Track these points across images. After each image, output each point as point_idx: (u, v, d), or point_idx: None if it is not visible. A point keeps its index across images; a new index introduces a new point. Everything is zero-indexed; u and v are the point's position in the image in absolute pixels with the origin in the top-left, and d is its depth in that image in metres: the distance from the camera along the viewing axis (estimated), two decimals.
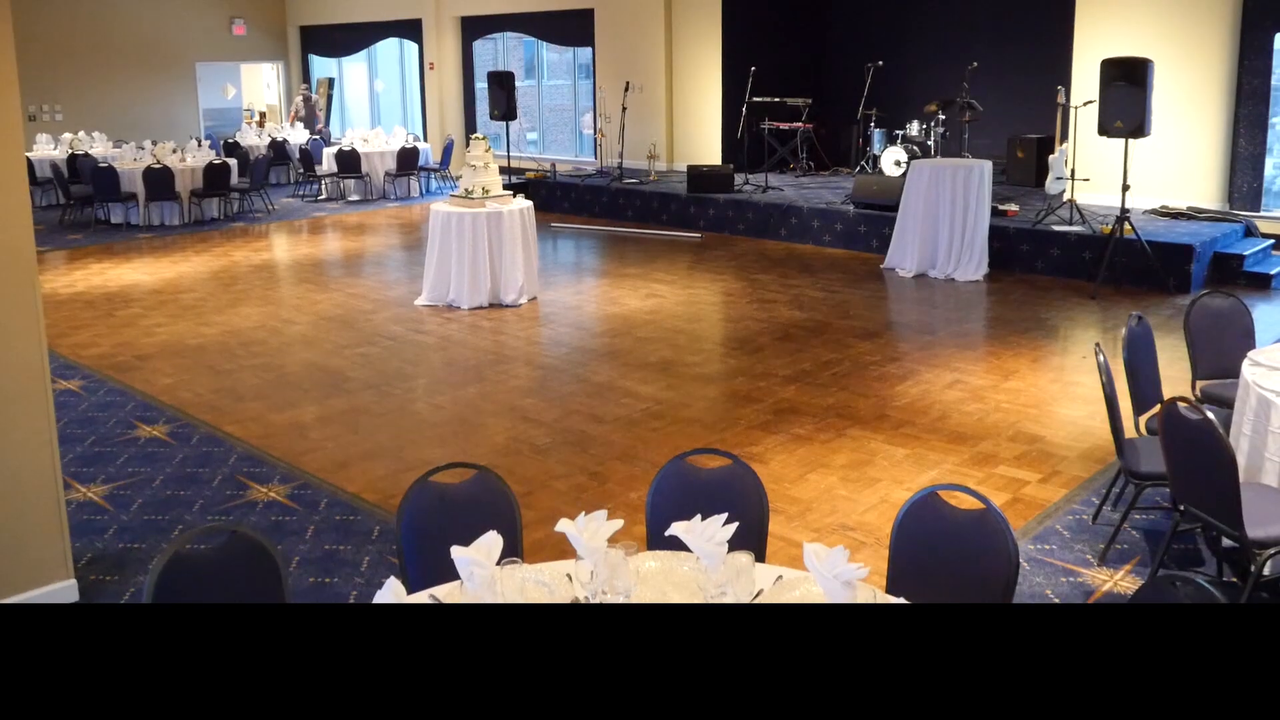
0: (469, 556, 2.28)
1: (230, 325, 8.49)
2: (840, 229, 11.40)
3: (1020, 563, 2.88)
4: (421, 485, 3.13)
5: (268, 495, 5.14)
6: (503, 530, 2.50)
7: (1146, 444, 4.41)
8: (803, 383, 6.75)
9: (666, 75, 15.34)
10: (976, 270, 9.71)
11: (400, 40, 20.36)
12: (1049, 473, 5.27)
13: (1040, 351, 7.43)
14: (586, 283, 10.13)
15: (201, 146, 15.54)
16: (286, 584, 2.77)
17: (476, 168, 8.96)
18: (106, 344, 7.98)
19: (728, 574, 2.40)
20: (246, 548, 2.78)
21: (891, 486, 5.11)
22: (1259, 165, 10.51)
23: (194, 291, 9.79)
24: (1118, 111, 8.85)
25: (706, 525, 2.42)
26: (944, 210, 9.85)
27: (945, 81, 12.44)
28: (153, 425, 6.16)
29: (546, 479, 5.29)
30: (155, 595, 2.60)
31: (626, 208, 13.48)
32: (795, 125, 14.24)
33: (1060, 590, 4.11)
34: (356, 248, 12.12)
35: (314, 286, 9.98)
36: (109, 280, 10.34)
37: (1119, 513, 4.52)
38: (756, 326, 8.21)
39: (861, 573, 2.21)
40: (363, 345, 7.88)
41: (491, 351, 7.70)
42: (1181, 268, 9.16)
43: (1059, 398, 6.44)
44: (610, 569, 2.42)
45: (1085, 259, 9.56)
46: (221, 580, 2.74)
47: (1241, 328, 5.20)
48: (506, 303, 8.93)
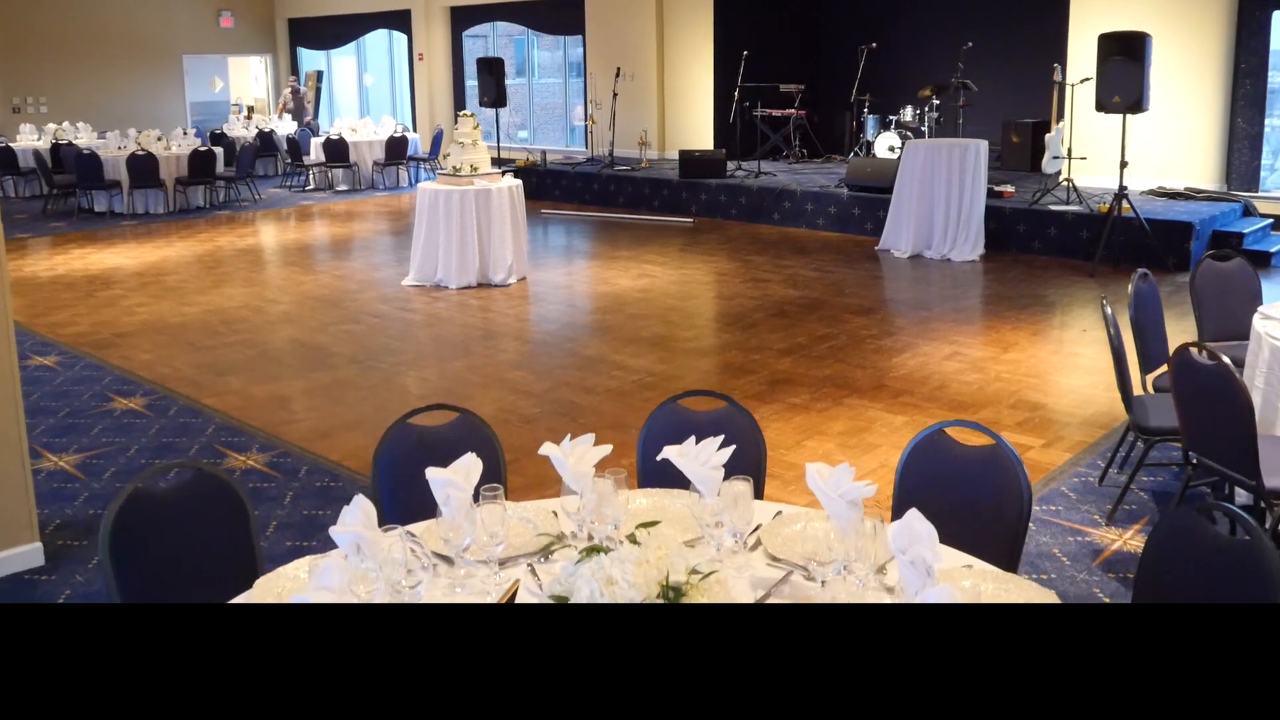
0: (445, 478, 2.12)
1: (213, 305, 8.30)
2: (834, 212, 11.26)
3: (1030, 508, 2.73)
4: (400, 427, 2.97)
5: (246, 463, 4.97)
6: (486, 476, 2.34)
7: (1155, 400, 4.27)
8: (798, 355, 6.59)
9: (658, 62, 15.19)
10: (972, 250, 9.57)
11: (389, 32, 20.19)
12: (1052, 438, 5.12)
13: (1039, 325, 7.28)
14: (577, 264, 9.96)
15: (187, 135, 15.33)
16: (254, 525, 2.60)
17: (464, 145, 8.79)
18: (85, 323, 7.79)
19: (724, 502, 2.23)
20: (211, 487, 2.62)
21: (891, 452, 4.95)
22: (1257, 145, 10.39)
23: (177, 274, 9.60)
24: (1116, 87, 8.72)
25: (701, 449, 2.27)
26: (939, 190, 9.71)
27: (939, 65, 12.30)
28: (129, 398, 5.97)
29: (534, 446, 5.09)
30: (112, 534, 2.43)
31: (618, 194, 13.31)
32: (788, 112, 14.08)
33: (1068, 549, 3.96)
34: (344, 233, 11.94)
35: (300, 269, 9.80)
36: (90, 264, 10.14)
37: (1126, 475, 4.37)
38: (750, 304, 8.05)
39: (869, 491, 2.05)
40: (348, 323, 7.70)
41: (479, 328, 7.53)
42: (1180, 246, 9.03)
43: (1060, 368, 6.29)
44: (599, 497, 2.25)
45: (1083, 238, 9.43)
46: (184, 519, 2.57)
47: (1248, 290, 5.05)
48: (495, 282, 8.76)
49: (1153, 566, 2.23)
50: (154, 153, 13.30)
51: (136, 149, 13.40)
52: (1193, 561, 2.17)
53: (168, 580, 2.47)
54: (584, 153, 16.00)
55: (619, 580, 1.65)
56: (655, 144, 15.13)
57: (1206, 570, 2.15)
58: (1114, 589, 3.69)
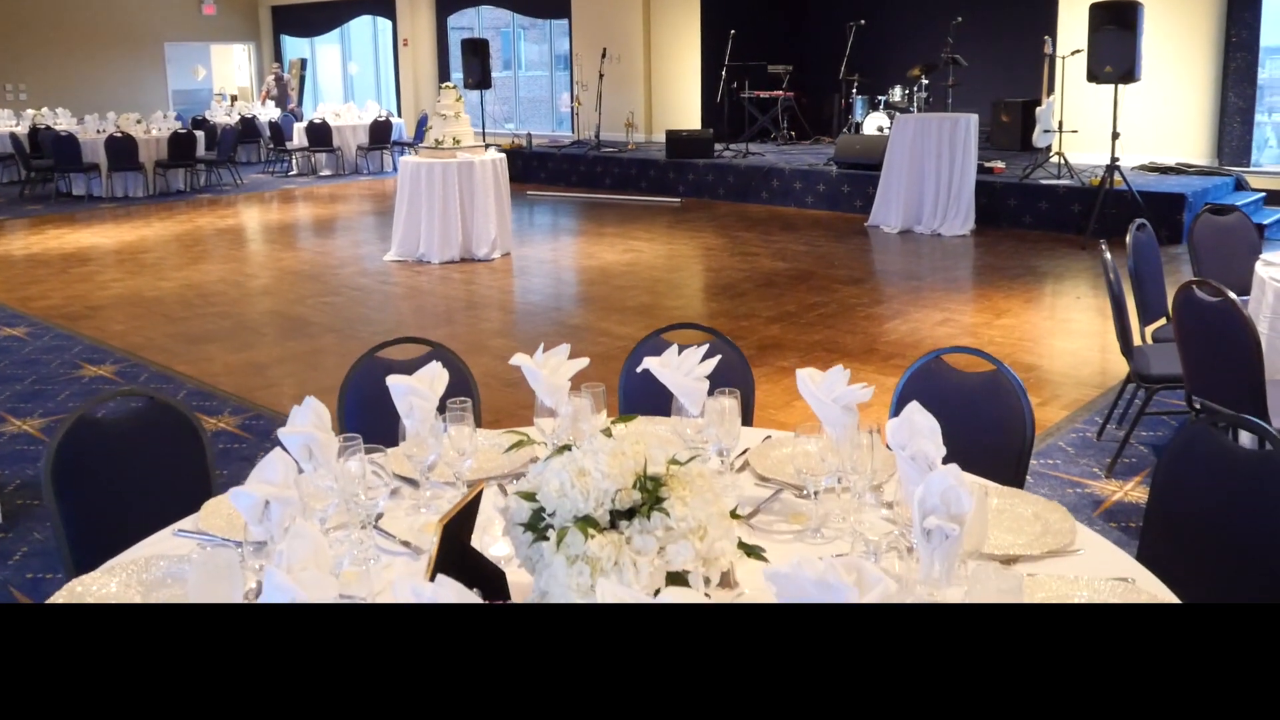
0: (408, 384, 1.96)
1: (190, 280, 8.12)
2: (823, 190, 11.12)
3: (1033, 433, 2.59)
4: (369, 360, 2.82)
5: (217, 425, 4.80)
6: None
7: (1156, 349, 4.14)
8: (787, 323, 6.45)
9: (644, 43, 15.03)
10: (963, 225, 9.44)
11: (373, 18, 19.98)
12: (1048, 397, 4.99)
13: (1032, 294, 7.16)
14: (562, 240, 9.80)
15: (167, 118, 15.10)
16: (210, 455, 2.45)
17: (446, 117, 8.62)
18: (58, 296, 7.60)
19: (710, 418, 2.09)
20: (164, 416, 2.46)
21: (883, 410, 4.80)
22: (1248, 120, 10.29)
23: (155, 252, 9.41)
24: (1107, 56, 8.60)
25: (683, 359, 2.12)
26: (929, 164, 9.58)
27: (928, 44, 12.16)
28: (99, 366, 5.80)
29: (515, 408, 4.96)
30: (55, 463, 2.28)
31: (605, 175, 13.15)
32: (776, 94, 13.93)
33: (1068, 500, 3.82)
34: (327, 214, 11.76)
35: (281, 246, 9.62)
36: (66, 244, 9.94)
37: (1124, 430, 4.25)
38: (738, 275, 7.91)
39: (865, 394, 1.91)
40: (328, 295, 7.53)
41: (462, 299, 7.37)
42: (1173, 218, 8.92)
43: (1054, 333, 6.17)
44: (575, 414, 2.10)
45: (1074, 212, 9.31)
46: (134, 449, 2.42)
47: (1248, 244, 4.93)
48: (479, 256, 8.59)
49: (1168, 480, 2.09)
50: (133, 135, 13.08)
51: (115, 131, 13.18)
52: (1211, 474, 2.04)
53: (112, 511, 2.32)
54: (570, 137, 15.83)
55: (592, 471, 1.50)
56: (642, 127, 14.98)
57: (1226, 481, 2.02)
58: (1116, 537, 3.55)
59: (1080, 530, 1.91)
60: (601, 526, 1.49)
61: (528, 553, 1.55)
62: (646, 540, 1.47)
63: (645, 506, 1.50)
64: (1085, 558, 1.83)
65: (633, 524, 1.49)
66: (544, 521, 1.53)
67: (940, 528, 1.49)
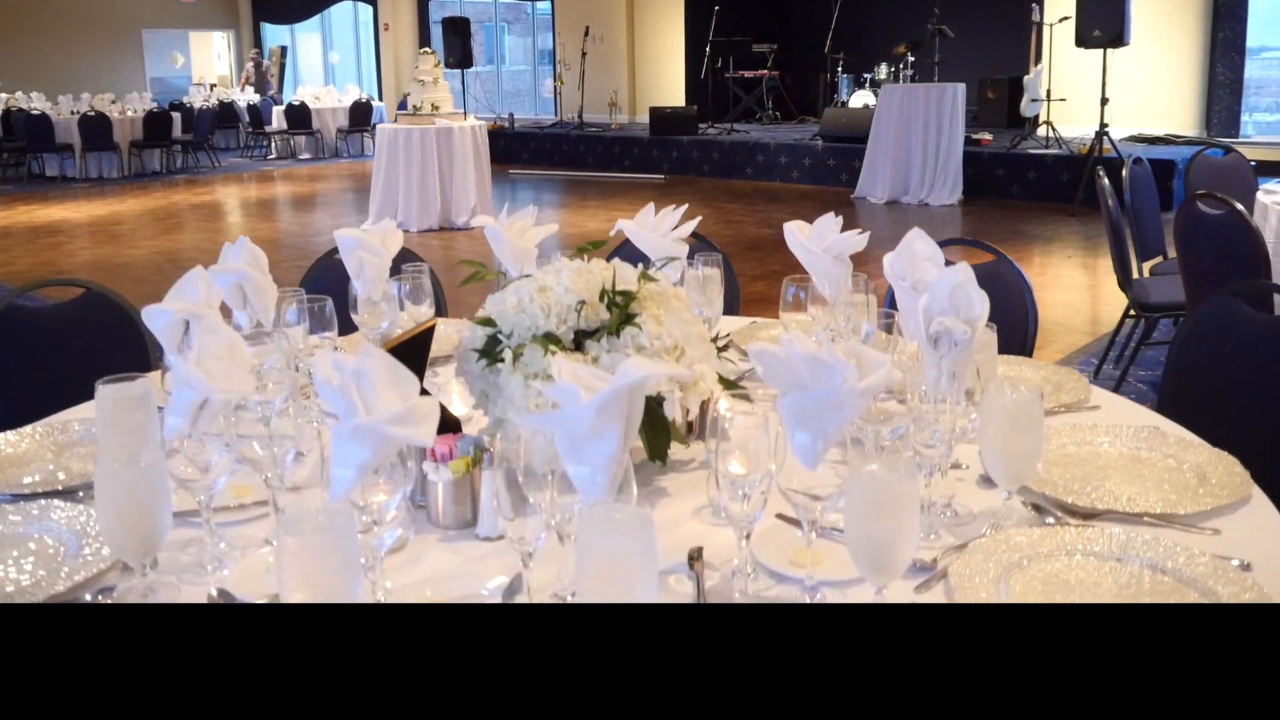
0: (357, 238, 1.79)
1: (162, 248, 7.92)
2: (809, 164, 10.98)
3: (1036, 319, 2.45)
4: (327, 263, 2.65)
5: None
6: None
7: (1155, 280, 4.01)
8: (773, 279, 6.30)
9: (628, 22, 14.87)
10: (951, 194, 9.31)
11: (354, 3, 19.75)
12: (1042, 343, 4.82)
13: (1021, 253, 7.02)
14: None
15: (142, 98, 14.84)
16: (150, 349, 2.27)
17: (425, 83, 8.44)
18: (23, 264, 7.39)
19: (689, 285, 1.92)
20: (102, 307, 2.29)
21: None
22: (1237, 91, 10.20)
23: (127, 224, 9.19)
24: (1096, 20, 8.48)
25: (660, 218, 1.95)
26: (916, 134, 9.44)
27: (913, 22, 12.03)
28: None
29: None
30: None
31: (587, 154, 12.97)
32: (760, 73, 13.78)
33: None
34: (306, 191, 11.55)
35: (257, 219, 9.42)
36: (35, 218, 9.71)
37: (1121, 370, 4.11)
38: (722, 239, 7.74)
39: (860, 242, 1.75)
40: (302, 260, 7.33)
41: (440, 263, 7.18)
42: (1164, 184, 8.79)
43: (1045, 287, 6.04)
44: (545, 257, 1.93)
45: (1063, 181, 9.19)
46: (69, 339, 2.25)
47: (1246, 184, 4.81)
48: (458, 225, 8.41)
49: (1187, 346, 1.94)
50: (107, 114, 12.84)
51: (89, 110, 12.93)
52: (1233, 339, 1.89)
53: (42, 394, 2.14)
54: (553, 119, 15.64)
55: (554, 286, 1.33)
56: (625, 107, 14.81)
57: (1247, 347, 1.87)
58: None
59: (1095, 390, 1.76)
60: (565, 345, 1.33)
61: (482, 386, 1.38)
62: (616, 360, 1.30)
63: (615, 323, 1.33)
64: (1103, 414, 1.68)
65: (600, 344, 1.33)
66: (500, 345, 1.36)
67: (949, 332, 1.33)
